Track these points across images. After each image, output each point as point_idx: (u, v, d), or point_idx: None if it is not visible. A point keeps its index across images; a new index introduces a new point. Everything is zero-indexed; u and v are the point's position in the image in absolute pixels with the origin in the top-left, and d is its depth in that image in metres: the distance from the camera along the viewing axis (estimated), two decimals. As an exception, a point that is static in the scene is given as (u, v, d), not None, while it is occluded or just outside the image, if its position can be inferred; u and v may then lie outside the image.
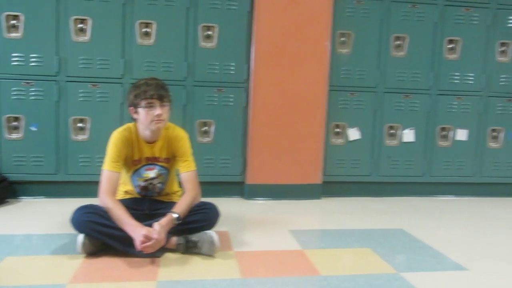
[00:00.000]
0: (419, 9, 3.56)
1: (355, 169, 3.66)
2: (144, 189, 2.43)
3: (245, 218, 3.05)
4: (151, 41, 3.26)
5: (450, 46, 3.65)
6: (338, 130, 3.61)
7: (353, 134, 3.62)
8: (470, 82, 3.71)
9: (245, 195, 3.51)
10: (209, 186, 3.43)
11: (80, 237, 2.14)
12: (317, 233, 2.82)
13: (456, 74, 3.68)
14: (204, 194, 2.46)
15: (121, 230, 2.11)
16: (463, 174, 3.81)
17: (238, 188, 3.54)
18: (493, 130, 3.80)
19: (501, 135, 3.81)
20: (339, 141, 3.62)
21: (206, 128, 3.41)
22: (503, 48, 3.72)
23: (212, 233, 2.26)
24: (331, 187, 3.62)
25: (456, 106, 3.71)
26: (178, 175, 2.46)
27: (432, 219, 3.13)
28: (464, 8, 3.62)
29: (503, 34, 3.71)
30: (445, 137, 3.74)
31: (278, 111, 3.41)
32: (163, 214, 2.20)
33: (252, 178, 3.48)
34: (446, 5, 3.59)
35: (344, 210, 3.32)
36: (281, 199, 3.49)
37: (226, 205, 3.27)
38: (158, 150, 2.38)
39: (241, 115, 3.45)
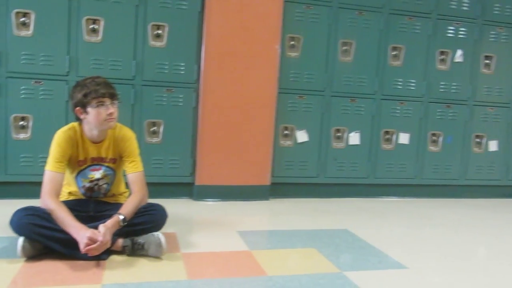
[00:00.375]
0: (366, 16, 3.68)
1: (302, 171, 3.73)
2: (89, 190, 2.37)
3: (194, 219, 3.04)
4: (98, 38, 3.18)
5: (394, 53, 3.80)
6: (287, 132, 3.67)
7: (301, 136, 3.69)
8: (412, 88, 3.87)
9: (194, 196, 3.49)
10: (157, 187, 3.39)
11: (20, 240, 2.05)
12: (264, 234, 2.85)
13: (399, 80, 3.83)
14: (153, 195, 2.44)
15: (64, 232, 2.04)
16: (405, 176, 3.97)
17: (188, 189, 3.52)
18: (433, 135, 3.99)
19: (440, 139, 4.00)
20: (287, 143, 3.68)
21: (155, 128, 3.37)
22: (442, 57, 3.91)
23: (159, 234, 2.23)
24: (280, 188, 3.67)
25: (399, 111, 3.86)
26: (125, 175, 2.42)
27: (375, 220, 3.25)
28: (408, 17, 3.78)
29: (443, 43, 3.90)
30: (388, 140, 3.88)
31: (228, 112, 3.43)
32: (109, 216, 2.16)
33: (202, 179, 3.47)
34: (390, 14, 3.73)
35: (291, 211, 3.37)
36: (230, 200, 3.50)
37: (174, 206, 3.24)
38: (104, 150, 2.33)
39: (191, 116, 3.43)
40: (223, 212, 3.22)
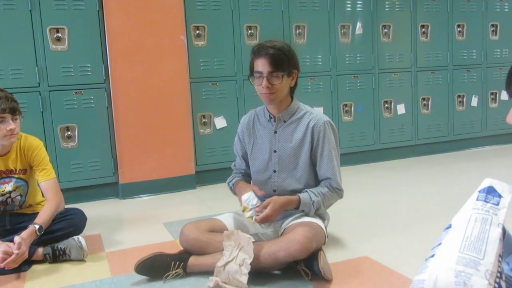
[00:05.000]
0: (267, -1, 3.81)
1: (225, 156, 3.81)
2: (3, 203, 2.33)
3: (120, 218, 3.06)
4: (-7, 47, 3.07)
5: (298, 31, 3.94)
6: (205, 120, 3.73)
7: (220, 122, 3.77)
8: (319, 63, 4.05)
9: (120, 195, 3.49)
10: (81, 191, 3.37)
11: None
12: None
13: (307, 57, 3.99)
14: (78, 199, 2.43)
15: (-21, 249, 2.01)
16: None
17: (113, 188, 3.51)
18: (345, 105, 4.20)
19: (352, 109, 4.23)
20: (207, 130, 3.75)
21: (70, 133, 3.31)
22: (344, 30, 4.11)
23: (80, 238, 2.25)
24: (205, 176, 3.75)
25: (310, 86, 4.02)
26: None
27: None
28: (306, -4, 3.94)
29: (343, 18, 4.10)
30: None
31: (143, 107, 3.44)
32: (26, 228, 2.14)
33: (125, 177, 3.47)
34: (290, -5, 3.87)
35: (217, 196, 3.46)
36: (156, 194, 3.54)
37: (100, 208, 3.25)
38: (12, 162, 2.29)
39: (106, 116, 3.41)
40: (149, 207, 3.26)
